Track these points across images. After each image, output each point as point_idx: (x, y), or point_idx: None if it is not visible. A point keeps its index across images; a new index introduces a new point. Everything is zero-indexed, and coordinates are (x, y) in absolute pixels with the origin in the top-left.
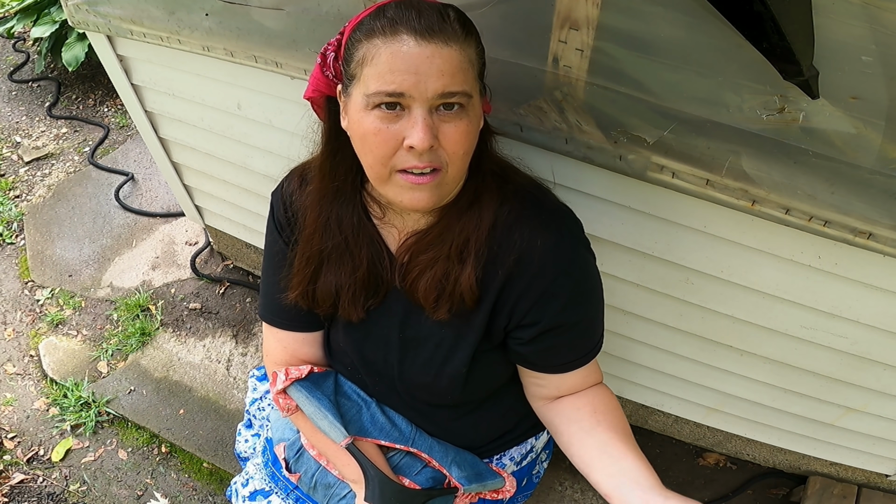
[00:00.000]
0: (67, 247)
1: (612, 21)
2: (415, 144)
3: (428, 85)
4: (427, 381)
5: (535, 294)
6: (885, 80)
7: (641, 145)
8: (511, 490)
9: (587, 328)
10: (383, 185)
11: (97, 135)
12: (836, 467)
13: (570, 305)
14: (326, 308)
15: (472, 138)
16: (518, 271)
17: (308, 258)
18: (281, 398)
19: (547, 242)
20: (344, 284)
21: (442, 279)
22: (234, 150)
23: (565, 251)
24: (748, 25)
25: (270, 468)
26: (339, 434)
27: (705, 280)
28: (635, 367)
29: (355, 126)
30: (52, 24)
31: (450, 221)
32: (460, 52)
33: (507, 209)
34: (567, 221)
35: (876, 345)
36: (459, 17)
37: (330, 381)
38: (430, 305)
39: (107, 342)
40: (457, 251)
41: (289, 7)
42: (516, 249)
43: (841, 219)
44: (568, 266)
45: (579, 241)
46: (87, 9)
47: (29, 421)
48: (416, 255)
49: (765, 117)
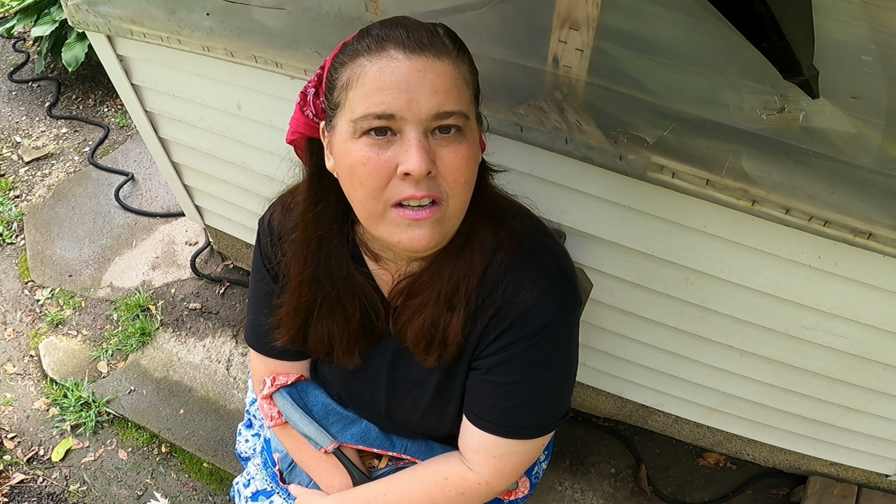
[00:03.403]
0: (67, 247)
1: (612, 21)
2: (410, 170)
3: (421, 104)
4: (415, 419)
5: (497, 343)
6: (885, 80)
7: (641, 145)
8: (524, 491)
9: (523, 397)
10: (377, 224)
11: (97, 135)
12: (836, 467)
13: (511, 361)
14: (321, 355)
15: (474, 165)
16: (493, 323)
17: (296, 309)
18: (266, 404)
19: (528, 301)
20: (337, 335)
21: (431, 327)
22: (234, 150)
23: (543, 313)
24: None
25: (271, 469)
26: (326, 439)
27: (705, 280)
28: (635, 367)
29: (342, 159)
30: (52, 24)
31: (440, 266)
32: (453, 68)
33: (500, 258)
34: (556, 286)
35: (876, 345)
36: (449, 33)
37: (319, 392)
38: (421, 353)
39: (107, 342)
40: (445, 298)
41: (290, 7)
42: (497, 303)
43: (841, 219)
44: (536, 329)
45: (562, 306)
46: (87, 9)
47: (29, 421)
48: (407, 300)
49: (765, 117)
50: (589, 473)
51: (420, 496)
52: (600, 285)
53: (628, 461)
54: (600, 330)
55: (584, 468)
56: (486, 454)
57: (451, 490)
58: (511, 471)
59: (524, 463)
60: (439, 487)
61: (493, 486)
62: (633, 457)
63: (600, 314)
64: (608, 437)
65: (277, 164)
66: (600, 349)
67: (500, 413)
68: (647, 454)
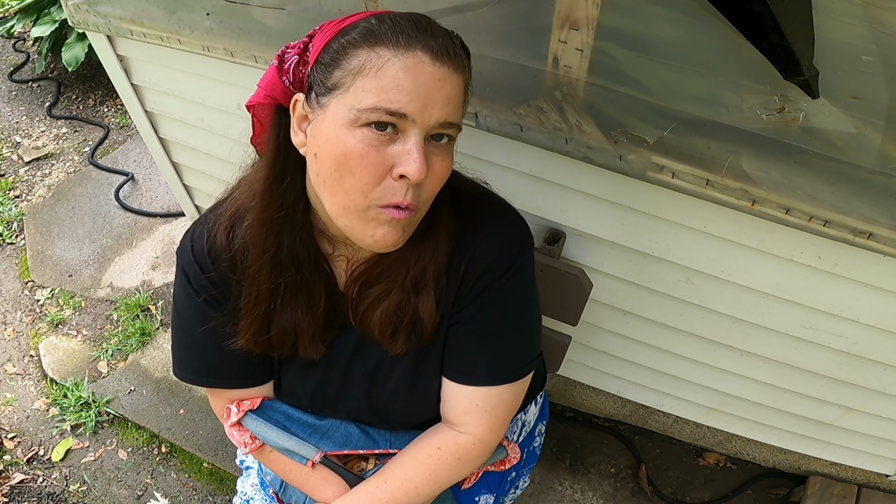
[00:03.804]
0: (67, 247)
1: (612, 21)
2: (411, 175)
3: (433, 112)
4: (400, 406)
5: (473, 291)
6: (885, 80)
7: (641, 145)
8: (515, 459)
9: (505, 339)
10: (352, 217)
11: (97, 135)
12: (836, 467)
13: (489, 306)
14: (285, 351)
15: (447, 176)
16: (467, 277)
17: (256, 298)
18: (236, 431)
19: (495, 246)
20: (302, 323)
21: (397, 311)
22: (234, 150)
23: (508, 254)
24: (748, 25)
25: (268, 490)
26: (311, 450)
27: (705, 280)
28: (635, 367)
29: (330, 145)
30: (52, 24)
31: (402, 252)
32: (463, 82)
33: (458, 221)
34: (514, 228)
35: (876, 345)
36: (462, 44)
37: (283, 407)
38: (387, 340)
39: (107, 342)
40: (412, 282)
41: (290, 6)
42: (466, 259)
43: (841, 219)
44: (504, 270)
45: (521, 247)
46: (87, 9)
47: (29, 421)
48: (365, 288)
49: (765, 117)
50: (589, 473)
51: (419, 473)
52: (600, 285)
53: (628, 461)
54: (600, 330)
55: (584, 468)
56: (478, 411)
57: (447, 458)
58: (501, 423)
59: (510, 412)
60: (435, 459)
61: (487, 443)
62: (633, 457)
63: (600, 314)
64: (608, 437)
65: None
66: (600, 349)
67: (487, 362)
68: (647, 454)
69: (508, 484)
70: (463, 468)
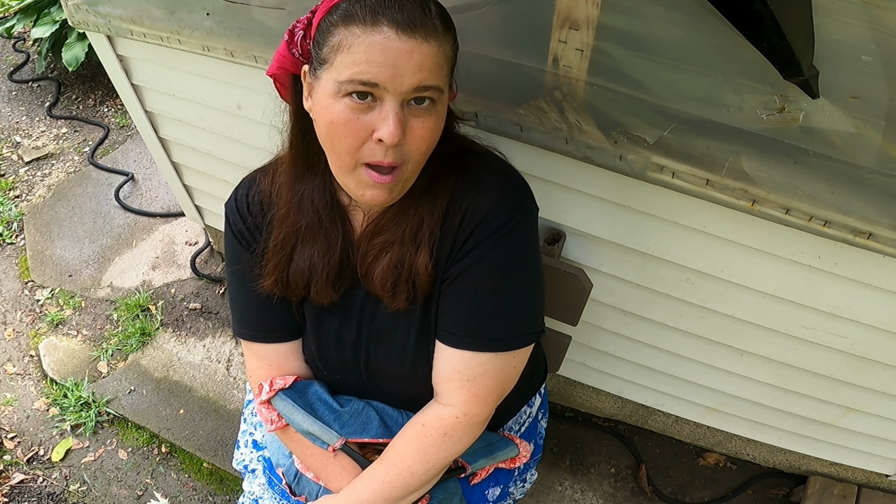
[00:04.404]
0: (67, 247)
1: (612, 21)
2: (385, 139)
3: (404, 79)
4: (405, 372)
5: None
6: (885, 80)
7: (641, 145)
8: (526, 456)
9: (492, 301)
10: (346, 175)
11: (97, 135)
12: (836, 467)
13: (479, 262)
14: (299, 291)
15: (437, 135)
16: (461, 231)
17: (283, 239)
18: (265, 408)
19: (491, 199)
20: (318, 264)
21: (397, 264)
22: (234, 150)
23: (504, 210)
24: (748, 25)
25: (279, 487)
26: (333, 436)
27: (705, 280)
28: (635, 367)
29: (322, 112)
30: (52, 24)
31: (404, 205)
32: (438, 49)
33: (460, 181)
34: (512, 189)
35: (876, 345)
36: (440, 11)
37: (314, 387)
38: (388, 294)
39: (107, 342)
40: (411, 234)
41: (290, 6)
42: (462, 211)
43: (841, 219)
44: (499, 225)
45: (519, 206)
46: (87, 9)
47: (29, 421)
48: (370, 240)
49: (765, 117)
50: (589, 473)
51: (409, 452)
52: (600, 285)
53: (628, 461)
54: (600, 330)
55: (584, 468)
56: (459, 379)
57: (433, 433)
58: (486, 395)
59: (497, 386)
60: (421, 435)
61: (473, 417)
62: (633, 457)
63: (600, 314)
64: (608, 437)
65: None
66: (600, 349)
67: (470, 324)
68: (647, 454)
69: (516, 475)
70: (452, 444)
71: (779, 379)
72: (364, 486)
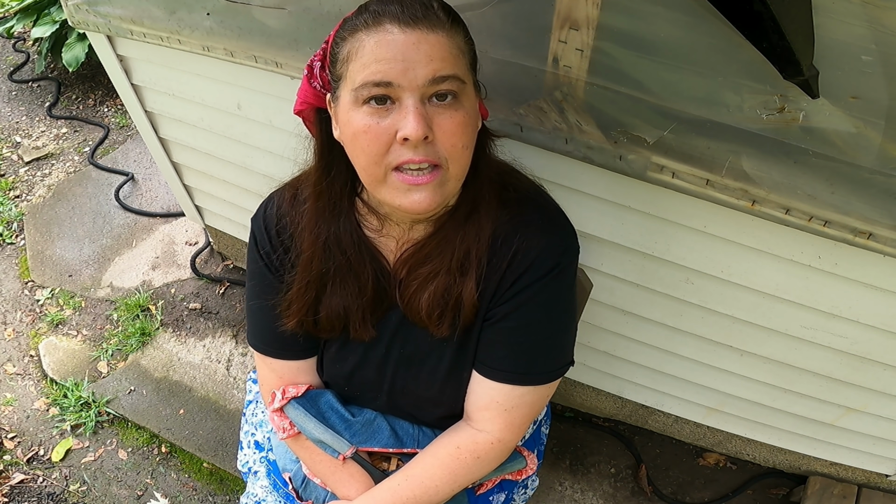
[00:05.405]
0: (67, 247)
1: (612, 21)
2: (408, 134)
3: (417, 71)
4: (432, 394)
5: (513, 289)
6: (885, 80)
7: (641, 145)
8: (533, 468)
9: (535, 339)
10: (379, 188)
11: (97, 135)
12: (836, 467)
13: (526, 304)
14: (335, 333)
15: (471, 131)
16: (509, 272)
17: (308, 283)
18: (277, 416)
19: (540, 243)
20: (352, 306)
21: (444, 294)
22: (235, 150)
23: (553, 254)
24: (748, 25)
25: (284, 491)
26: (344, 444)
27: (705, 280)
28: (635, 367)
29: (345, 127)
30: (52, 24)
31: (447, 233)
32: (448, 39)
33: (507, 217)
34: (561, 231)
35: (876, 345)
36: (443, 6)
37: (326, 396)
38: (434, 323)
39: (107, 342)
40: (458, 264)
41: (290, 7)
42: (511, 253)
43: (841, 219)
44: (547, 270)
45: (567, 250)
46: (87, 9)
47: (29, 421)
48: (414, 269)
49: (765, 117)
50: (589, 473)
51: (439, 472)
52: (600, 285)
53: (628, 461)
54: (600, 330)
55: (584, 468)
56: (497, 408)
57: (466, 457)
58: (520, 423)
59: (531, 415)
60: (454, 458)
61: (506, 443)
62: (633, 457)
63: (600, 314)
64: (608, 437)
65: (278, 164)
66: (600, 349)
67: (514, 360)
68: (647, 454)
69: (519, 483)
70: (482, 468)
71: (779, 379)
72: (384, 496)
